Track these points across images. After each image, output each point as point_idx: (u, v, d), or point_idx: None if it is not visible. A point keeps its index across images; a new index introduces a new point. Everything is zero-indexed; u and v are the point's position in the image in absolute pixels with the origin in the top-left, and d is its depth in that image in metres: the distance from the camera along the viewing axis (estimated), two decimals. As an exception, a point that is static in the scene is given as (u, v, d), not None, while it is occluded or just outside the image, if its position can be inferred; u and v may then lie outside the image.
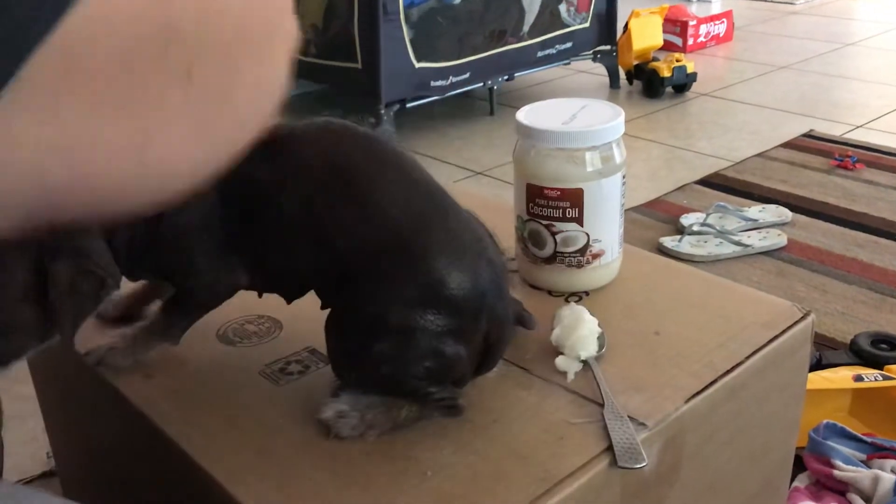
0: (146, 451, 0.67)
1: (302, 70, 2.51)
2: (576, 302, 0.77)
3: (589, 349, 0.67)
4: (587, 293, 0.78)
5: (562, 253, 0.76)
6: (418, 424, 0.60)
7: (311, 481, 0.56)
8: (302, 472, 0.57)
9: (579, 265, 0.77)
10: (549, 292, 0.79)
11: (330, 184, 0.58)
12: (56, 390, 0.85)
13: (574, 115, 0.76)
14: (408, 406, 0.60)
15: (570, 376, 0.66)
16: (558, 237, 0.76)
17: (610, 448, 0.58)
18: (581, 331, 0.67)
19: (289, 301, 0.65)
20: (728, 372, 0.66)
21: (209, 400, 0.65)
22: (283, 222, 0.59)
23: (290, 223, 0.59)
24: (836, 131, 2.39)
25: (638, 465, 0.57)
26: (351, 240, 0.58)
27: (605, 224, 0.76)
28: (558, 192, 0.74)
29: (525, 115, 0.77)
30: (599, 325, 0.69)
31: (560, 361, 0.67)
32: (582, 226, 0.75)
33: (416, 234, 0.57)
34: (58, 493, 0.97)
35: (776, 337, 0.71)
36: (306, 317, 0.62)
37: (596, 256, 0.77)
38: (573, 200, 0.74)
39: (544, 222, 0.76)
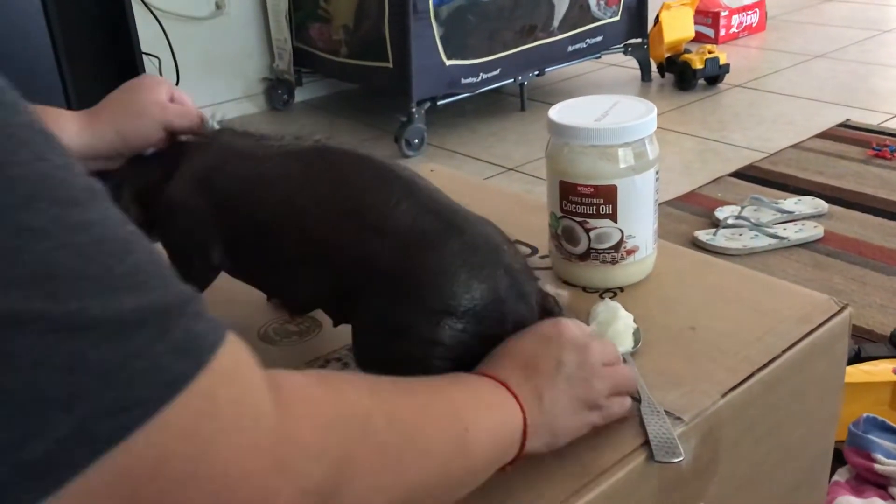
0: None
1: (333, 70, 2.54)
2: (611, 298, 0.77)
3: (625, 344, 0.67)
4: (622, 289, 0.79)
5: (596, 249, 0.77)
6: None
7: (353, 477, 0.57)
8: (343, 467, 0.58)
9: (614, 261, 0.77)
10: (584, 289, 0.79)
11: (335, 211, 0.60)
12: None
13: (606, 111, 0.76)
14: None
15: None
16: (592, 234, 0.76)
17: (647, 443, 0.58)
18: (617, 326, 0.68)
19: (292, 315, 0.67)
20: (764, 366, 0.66)
21: (252, 398, 0.67)
22: (285, 251, 0.61)
23: (293, 252, 0.61)
24: (873, 120, 2.35)
25: (675, 460, 0.57)
26: (361, 264, 0.59)
27: (639, 220, 0.76)
28: (592, 189, 0.75)
29: (557, 112, 0.78)
30: (635, 320, 0.70)
31: None
32: (616, 222, 0.76)
33: (430, 252, 0.58)
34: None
35: (813, 331, 0.71)
36: (345, 316, 0.64)
37: (630, 252, 0.77)
38: (607, 197, 0.74)
39: (578, 219, 0.76)
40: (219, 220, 0.65)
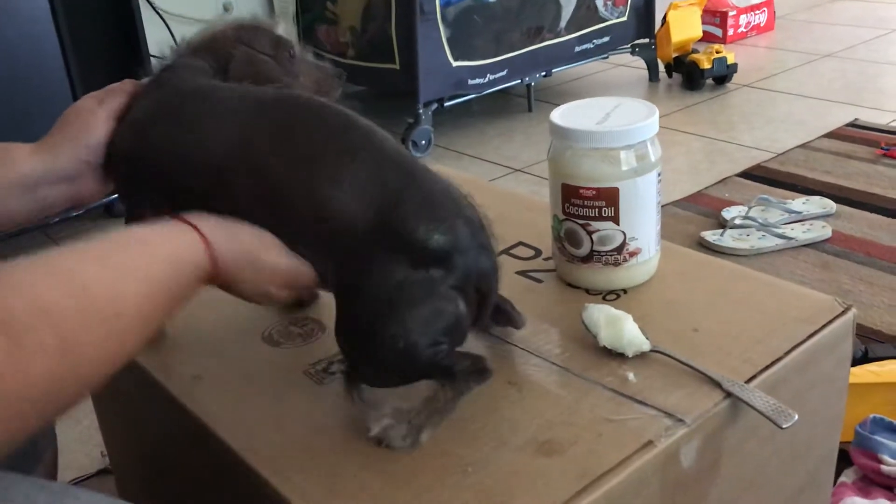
0: (196, 449, 0.70)
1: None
2: (613, 300, 0.77)
3: (643, 342, 0.68)
4: (625, 291, 0.79)
5: (598, 252, 0.77)
6: (458, 423, 0.62)
7: (356, 477, 0.58)
8: (346, 468, 0.59)
9: (616, 263, 0.77)
10: (587, 291, 0.79)
11: (290, 158, 0.60)
12: (109, 391, 0.88)
13: (608, 113, 0.77)
14: (440, 389, 0.61)
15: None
16: (595, 236, 0.76)
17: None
18: (627, 325, 0.69)
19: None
20: (767, 367, 0.67)
21: (256, 400, 0.67)
22: (238, 198, 0.60)
23: (245, 199, 0.60)
24: (882, 120, 2.34)
25: (796, 417, 0.60)
26: (327, 228, 0.59)
27: (641, 222, 0.76)
28: (594, 192, 0.75)
29: (559, 115, 0.78)
30: (634, 319, 0.70)
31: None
32: (618, 224, 0.76)
33: (393, 207, 0.58)
34: (112, 489, 1.00)
35: (816, 332, 0.71)
36: (348, 318, 0.64)
37: (633, 254, 0.77)
38: (609, 199, 0.75)
39: (580, 222, 0.76)
40: (161, 168, 0.64)
